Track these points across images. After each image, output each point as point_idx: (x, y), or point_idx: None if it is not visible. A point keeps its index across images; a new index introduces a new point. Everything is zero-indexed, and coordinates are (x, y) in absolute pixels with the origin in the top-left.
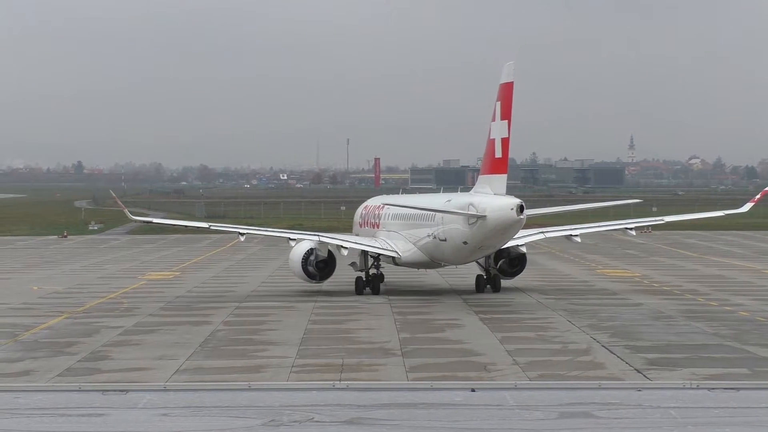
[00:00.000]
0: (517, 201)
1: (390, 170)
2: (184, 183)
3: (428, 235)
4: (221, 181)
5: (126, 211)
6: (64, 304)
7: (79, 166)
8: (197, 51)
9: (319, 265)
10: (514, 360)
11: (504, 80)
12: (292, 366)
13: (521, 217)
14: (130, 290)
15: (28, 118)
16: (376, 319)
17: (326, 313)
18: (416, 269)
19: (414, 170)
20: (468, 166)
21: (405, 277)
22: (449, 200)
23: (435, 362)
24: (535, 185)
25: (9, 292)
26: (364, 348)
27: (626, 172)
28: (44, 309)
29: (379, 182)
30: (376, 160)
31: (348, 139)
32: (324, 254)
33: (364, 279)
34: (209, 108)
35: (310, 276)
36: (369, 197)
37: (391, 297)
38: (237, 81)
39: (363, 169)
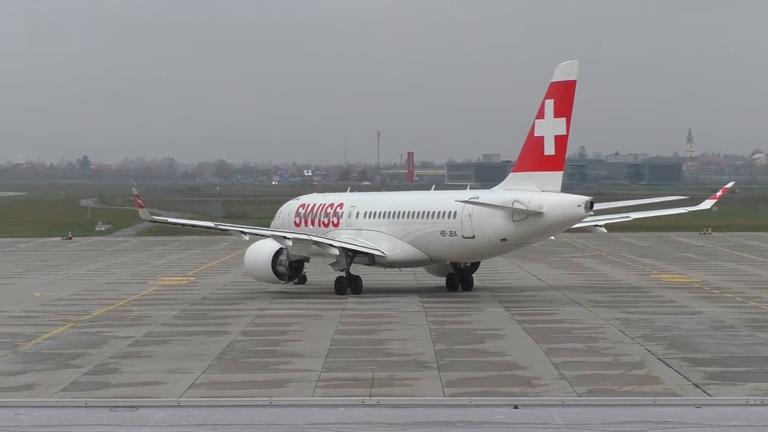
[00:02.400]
0: (585, 197)
1: (424, 165)
2: (199, 180)
3: (441, 232)
4: (240, 177)
5: (145, 210)
6: (68, 312)
7: (85, 162)
8: (213, 39)
9: (292, 265)
10: (560, 374)
11: (558, 79)
12: (318, 380)
13: (591, 213)
14: (140, 297)
15: (31, 110)
16: (410, 329)
17: (355, 322)
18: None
19: (451, 165)
20: (510, 161)
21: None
22: (476, 197)
23: (474, 376)
24: (583, 182)
25: (9, 299)
26: (396, 360)
27: (684, 167)
28: (47, 317)
29: (413, 178)
30: (409, 154)
31: (379, 132)
32: (301, 253)
33: (347, 279)
34: (227, 99)
35: (280, 276)
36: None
37: (426, 305)
38: (256, 70)
39: (395, 164)
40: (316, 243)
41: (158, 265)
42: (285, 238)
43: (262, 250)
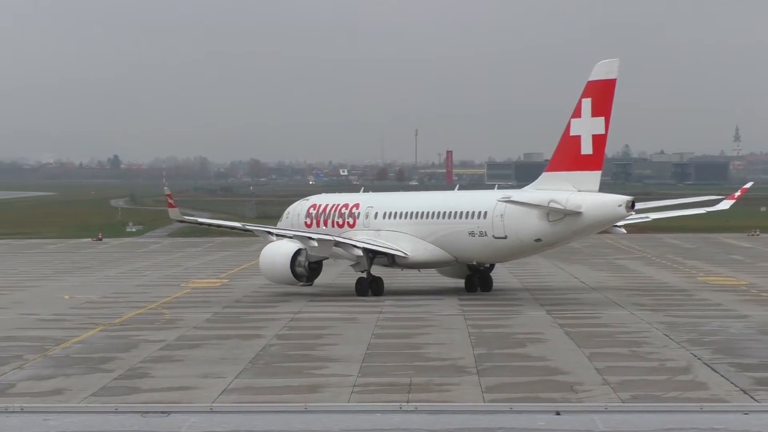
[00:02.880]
0: (626, 197)
1: (464, 164)
2: (233, 179)
3: (470, 233)
4: (274, 177)
5: (176, 210)
6: (98, 315)
7: (115, 161)
8: (246, 32)
9: (312, 266)
10: (604, 379)
11: (596, 78)
12: (354, 385)
13: (632, 213)
14: (172, 299)
15: (59, 107)
16: (448, 333)
17: (392, 326)
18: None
19: (491, 164)
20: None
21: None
22: (508, 197)
23: (514, 381)
24: (627, 181)
25: (38, 302)
26: (434, 365)
27: (731, 166)
28: (77, 320)
29: (452, 177)
30: (448, 153)
31: (416, 130)
32: (322, 254)
33: (369, 280)
34: (259, 96)
35: (299, 277)
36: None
37: (465, 308)
38: (290, 65)
39: (433, 163)
40: (338, 244)
41: (190, 266)
42: (310, 239)
43: (280, 251)
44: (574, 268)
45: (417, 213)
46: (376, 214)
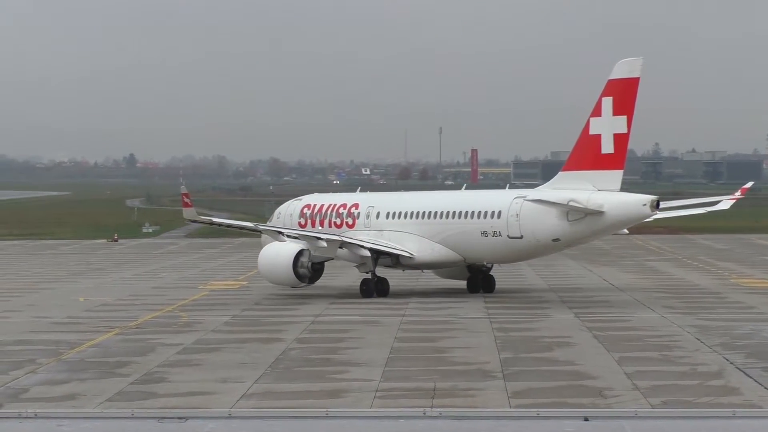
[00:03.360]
0: (651, 196)
1: (489, 163)
2: (252, 178)
3: (483, 232)
4: (294, 176)
5: (192, 210)
6: (114, 317)
7: (131, 160)
8: (268, 28)
9: (315, 267)
10: (633, 384)
11: (617, 76)
12: (377, 390)
13: (656, 213)
14: (189, 302)
15: (73, 104)
16: (474, 336)
17: (415, 329)
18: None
19: (517, 163)
20: None
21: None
22: (524, 196)
23: (542, 386)
24: (657, 180)
25: (52, 304)
26: (459, 370)
27: (764, 165)
28: (92, 324)
29: (477, 177)
30: (473, 152)
31: (441, 128)
32: (327, 255)
33: (374, 281)
34: (279, 93)
35: (301, 278)
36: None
37: (490, 310)
38: (311, 61)
39: (458, 162)
40: (343, 244)
41: (208, 268)
42: (319, 239)
43: (281, 251)
44: (602, 270)
45: (424, 213)
46: (378, 213)
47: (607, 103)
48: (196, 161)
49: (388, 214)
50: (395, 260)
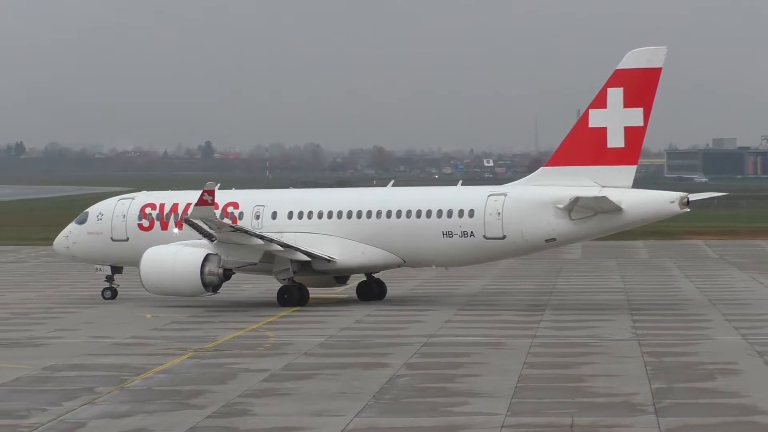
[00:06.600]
0: (679, 193)
1: None
2: (352, 171)
3: (445, 233)
4: (402, 168)
5: (209, 209)
6: (187, 337)
7: (207, 149)
8: (373, 8)
9: (227, 273)
10: None
11: (631, 66)
12: (502, 426)
13: (687, 210)
14: (277, 319)
15: (138, 85)
16: (619, 362)
17: (548, 353)
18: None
19: (671, 153)
20: (748, 148)
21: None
22: (504, 193)
23: (701, 423)
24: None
25: (114, 322)
26: (601, 402)
27: None
28: (161, 345)
29: None
30: None
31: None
32: (246, 259)
33: (296, 288)
34: (382, 71)
35: (207, 286)
36: None
37: (639, 331)
38: (422, 36)
39: None
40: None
41: None
42: (271, 241)
43: (180, 256)
44: None
45: (350, 212)
46: (274, 213)
47: (615, 94)
48: (285, 151)
49: (290, 213)
50: (304, 266)
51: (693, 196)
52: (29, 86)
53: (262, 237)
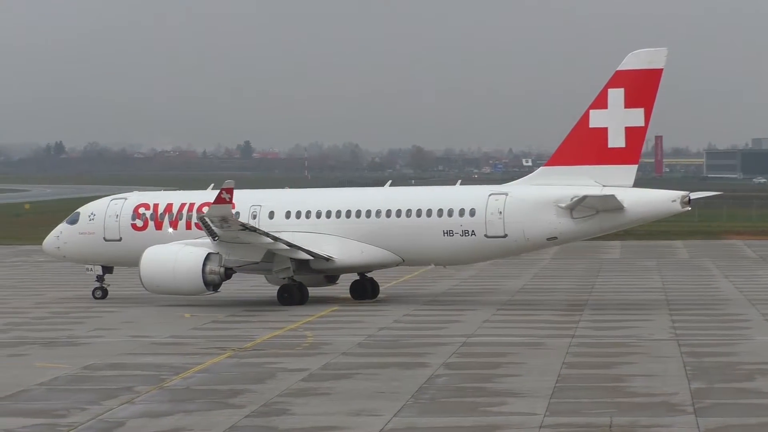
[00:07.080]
0: (680, 192)
1: (677, 153)
2: (390, 171)
3: (445, 232)
4: (441, 168)
5: (225, 207)
6: (226, 337)
7: (246, 148)
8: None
9: (228, 272)
10: None
11: (631, 67)
12: (541, 426)
13: (688, 209)
14: (316, 318)
15: (177, 86)
16: (658, 362)
17: (588, 353)
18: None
19: (711, 153)
20: None
21: None
22: (505, 192)
23: (741, 423)
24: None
25: (153, 322)
26: (640, 402)
27: None
28: (199, 344)
29: (662, 169)
30: (657, 138)
31: None
32: (248, 258)
33: (296, 287)
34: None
35: (208, 284)
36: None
37: (678, 330)
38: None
39: None
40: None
41: (341, 276)
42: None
43: (182, 255)
44: None
45: (349, 212)
46: (272, 213)
47: (616, 94)
48: (323, 150)
49: (288, 213)
50: (304, 265)
51: (694, 195)
52: (69, 85)
53: (273, 237)
